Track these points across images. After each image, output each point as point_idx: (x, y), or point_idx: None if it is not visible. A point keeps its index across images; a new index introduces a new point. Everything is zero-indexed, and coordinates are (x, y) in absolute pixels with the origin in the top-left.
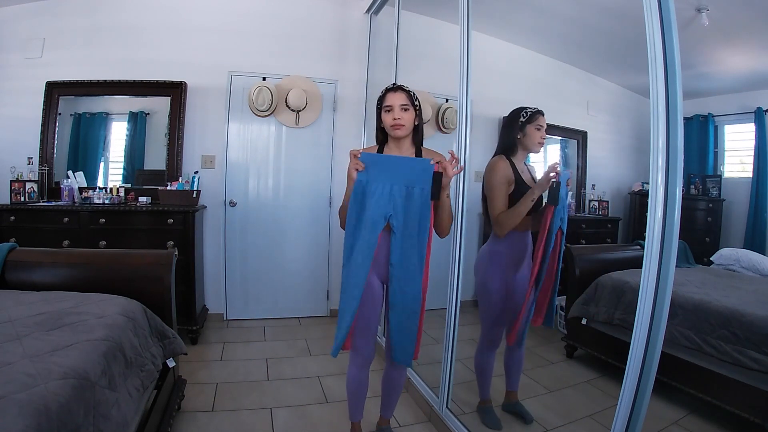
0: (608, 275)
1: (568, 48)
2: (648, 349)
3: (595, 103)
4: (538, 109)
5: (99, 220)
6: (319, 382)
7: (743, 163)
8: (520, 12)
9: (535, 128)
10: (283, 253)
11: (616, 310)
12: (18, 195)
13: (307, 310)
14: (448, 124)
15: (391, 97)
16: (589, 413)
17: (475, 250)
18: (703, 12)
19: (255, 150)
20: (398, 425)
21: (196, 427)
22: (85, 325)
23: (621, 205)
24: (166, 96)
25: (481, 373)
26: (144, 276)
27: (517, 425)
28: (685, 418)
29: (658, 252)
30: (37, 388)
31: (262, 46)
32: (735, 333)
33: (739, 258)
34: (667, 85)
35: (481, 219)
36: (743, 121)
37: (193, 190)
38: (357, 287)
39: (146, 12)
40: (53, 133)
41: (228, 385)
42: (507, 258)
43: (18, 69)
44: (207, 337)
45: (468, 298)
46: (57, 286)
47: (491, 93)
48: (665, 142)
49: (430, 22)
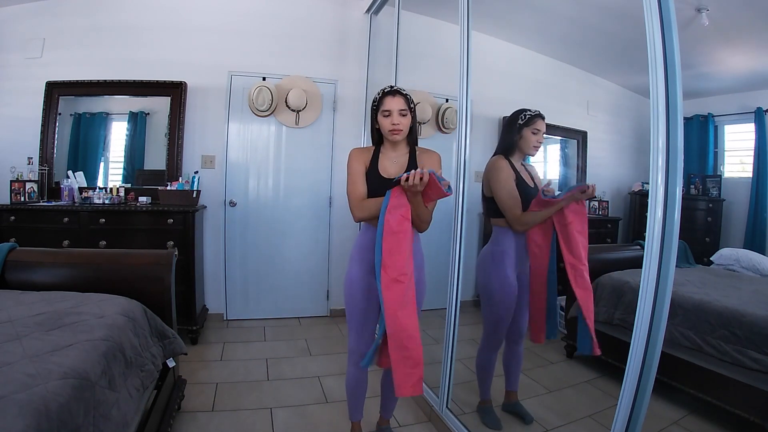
0: (608, 275)
1: (568, 48)
2: (648, 349)
3: (595, 103)
4: (537, 112)
5: (99, 220)
6: (319, 382)
7: (743, 163)
8: (520, 12)
9: (531, 132)
10: (283, 253)
11: (616, 310)
12: (18, 195)
13: (307, 310)
14: (448, 124)
15: (389, 101)
16: (589, 413)
17: (475, 250)
18: (703, 12)
19: (255, 150)
20: (398, 425)
21: (196, 427)
22: (85, 325)
23: (621, 205)
24: (166, 96)
25: (483, 373)
26: (144, 276)
27: (517, 425)
28: (685, 418)
29: (658, 252)
30: (37, 388)
31: (262, 46)
32: (735, 333)
33: (739, 258)
34: (667, 85)
35: (481, 219)
36: (743, 121)
37: (193, 190)
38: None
39: (146, 12)
40: (53, 133)
41: (228, 385)
42: (508, 258)
43: (18, 69)
44: (207, 337)
45: (468, 298)
46: (57, 286)
47: (491, 93)
48: (665, 142)
49: (430, 22)
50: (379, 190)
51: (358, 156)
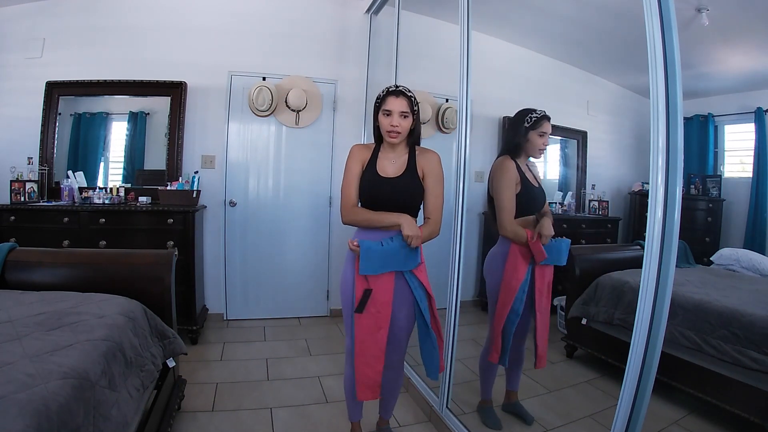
0: (608, 275)
1: (568, 48)
2: (648, 349)
3: (595, 103)
4: (544, 114)
5: (99, 220)
6: (319, 382)
7: (743, 163)
8: (520, 12)
9: (538, 134)
10: (283, 253)
11: (616, 310)
12: (18, 195)
13: (307, 310)
14: (448, 124)
15: (392, 101)
16: (589, 413)
17: (475, 250)
18: (703, 12)
19: (255, 150)
20: (398, 425)
21: (196, 427)
22: (85, 325)
23: (621, 205)
24: (166, 96)
25: (485, 374)
26: (144, 276)
27: (517, 425)
28: (685, 418)
29: (658, 252)
30: (37, 388)
31: (262, 46)
32: (735, 333)
33: (739, 258)
34: (667, 85)
35: (481, 219)
36: (743, 121)
37: (193, 190)
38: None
39: (146, 12)
40: (53, 133)
41: (228, 385)
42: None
43: (18, 69)
44: (207, 337)
45: (468, 298)
46: (57, 286)
47: (491, 93)
48: (665, 142)
49: (430, 22)
50: (375, 190)
51: (358, 154)
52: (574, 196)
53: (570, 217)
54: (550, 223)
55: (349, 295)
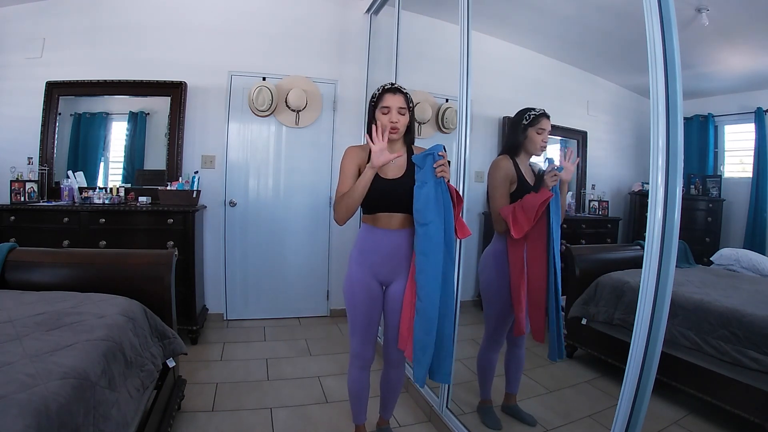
0: (608, 275)
1: (567, 48)
2: (648, 349)
3: (595, 103)
4: (542, 111)
5: (99, 220)
6: (319, 382)
7: (743, 163)
8: (520, 12)
9: (536, 132)
10: (283, 253)
11: (616, 310)
12: (18, 195)
13: (307, 310)
14: (448, 124)
15: (389, 98)
16: (589, 413)
17: (475, 250)
18: (703, 12)
19: (255, 150)
20: (398, 425)
21: (196, 427)
22: (85, 325)
23: (621, 205)
24: (166, 96)
25: (484, 373)
26: (144, 276)
27: (517, 425)
28: (685, 418)
29: (658, 252)
30: (37, 388)
31: (263, 46)
32: (735, 333)
33: (739, 258)
34: (667, 85)
35: (481, 219)
36: (743, 121)
37: (193, 190)
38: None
39: (146, 12)
40: (53, 133)
41: (228, 385)
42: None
43: (18, 69)
44: (207, 337)
45: (468, 298)
46: (57, 286)
47: (491, 93)
48: (665, 142)
49: (430, 22)
50: (377, 191)
51: (353, 155)
52: (574, 196)
53: (570, 217)
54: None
55: (355, 298)
